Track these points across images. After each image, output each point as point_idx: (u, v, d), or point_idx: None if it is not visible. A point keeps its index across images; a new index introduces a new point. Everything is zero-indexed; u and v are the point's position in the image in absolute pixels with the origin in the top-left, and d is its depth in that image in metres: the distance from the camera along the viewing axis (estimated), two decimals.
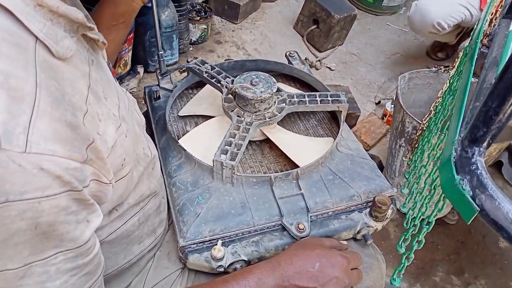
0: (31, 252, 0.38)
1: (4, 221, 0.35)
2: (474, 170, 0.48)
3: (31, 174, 0.35)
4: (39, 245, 0.38)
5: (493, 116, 0.46)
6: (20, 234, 0.36)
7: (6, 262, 0.38)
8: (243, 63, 1.04)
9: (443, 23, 2.03)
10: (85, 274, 0.45)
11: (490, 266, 1.60)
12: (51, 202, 0.37)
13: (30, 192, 0.35)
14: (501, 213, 0.46)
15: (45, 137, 0.36)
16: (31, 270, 0.39)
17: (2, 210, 0.34)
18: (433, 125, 0.97)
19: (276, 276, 0.61)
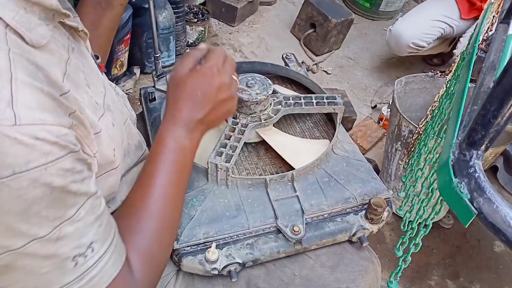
0: (55, 215, 0.39)
1: (18, 193, 0.36)
2: (472, 173, 0.48)
3: (29, 145, 0.36)
4: (60, 206, 0.40)
5: (491, 119, 0.45)
6: (39, 202, 0.38)
7: (37, 231, 0.39)
8: (239, 65, 1.04)
9: (419, 42, 2.08)
10: (106, 224, 0.47)
11: (485, 270, 1.60)
12: (57, 166, 0.38)
13: (34, 161, 0.36)
14: (499, 216, 0.45)
15: (30, 107, 0.36)
16: (62, 231, 0.40)
17: (13, 182, 0.35)
18: (430, 128, 0.97)
19: (180, 126, 0.60)
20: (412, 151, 1.17)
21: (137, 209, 0.56)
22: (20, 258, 0.39)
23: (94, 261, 0.45)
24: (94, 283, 0.45)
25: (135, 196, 0.58)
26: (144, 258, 0.54)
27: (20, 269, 0.40)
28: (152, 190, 0.57)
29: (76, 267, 0.43)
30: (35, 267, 0.41)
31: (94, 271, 0.45)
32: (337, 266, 0.78)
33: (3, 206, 0.36)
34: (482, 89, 0.58)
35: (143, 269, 0.54)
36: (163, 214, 0.58)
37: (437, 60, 2.54)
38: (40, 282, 0.42)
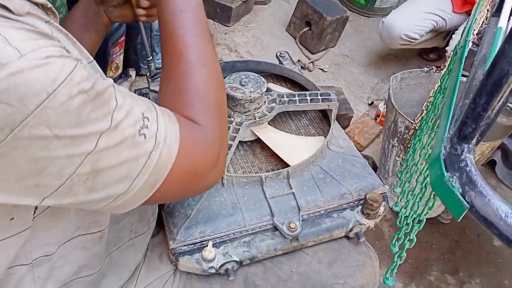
0: (102, 112, 0.42)
1: (63, 109, 0.38)
2: (463, 167, 0.48)
3: (44, 65, 0.37)
4: (101, 104, 0.42)
5: (481, 112, 0.45)
6: (83, 108, 0.40)
7: (97, 129, 0.41)
8: (233, 64, 1.04)
9: (411, 34, 2.09)
10: (138, 97, 0.49)
11: (485, 264, 1.60)
12: (77, 74, 0.39)
13: (57, 77, 0.38)
14: (491, 209, 0.45)
15: (24, 39, 0.37)
16: (115, 119, 0.43)
17: (53, 102, 0.37)
18: (424, 124, 0.97)
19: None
20: (408, 147, 1.18)
21: (171, 76, 0.59)
22: (100, 156, 0.42)
23: (155, 126, 0.47)
24: (170, 142, 0.48)
25: (168, 62, 0.60)
26: (199, 107, 0.57)
27: (106, 165, 0.43)
28: (182, 50, 0.59)
29: (146, 138, 0.46)
30: (115, 156, 0.43)
31: (162, 133, 0.48)
32: (334, 262, 0.78)
33: (58, 124, 0.38)
34: (473, 83, 0.58)
35: (204, 116, 0.56)
36: (199, 62, 0.59)
37: (433, 55, 2.55)
38: (128, 165, 0.45)
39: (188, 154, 0.51)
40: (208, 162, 0.55)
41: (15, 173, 0.39)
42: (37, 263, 0.55)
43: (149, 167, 0.47)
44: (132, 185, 0.46)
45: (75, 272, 0.60)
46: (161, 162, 0.48)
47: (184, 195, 0.59)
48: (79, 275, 0.61)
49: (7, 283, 0.54)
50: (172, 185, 0.51)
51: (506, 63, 0.40)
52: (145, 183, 0.47)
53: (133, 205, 0.50)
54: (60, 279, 0.59)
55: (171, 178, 0.49)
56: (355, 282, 0.77)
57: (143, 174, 0.46)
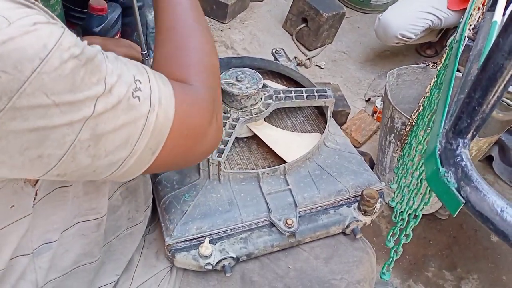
0: (96, 77, 0.42)
1: (57, 73, 0.38)
2: (458, 162, 0.48)
3: (33, 31, 0.37)
4: (94, 69, 0.42)
5: (476, 107, 0.45)
6: (77, 72, 0.40)
7: (92, 93, 0.41)
8: (229, 60, 1.04)
9: (406, 33, 2.09)
10: (127, 60, 0.49)
11: (483, 260, 1.61)
12: (66, 40, 0.40)
13: (48, 42, 0.38)
14: (487, 204, 0.45)
15: (10, 7, 0.38)
16: (108, 82, 0.43)
17: (47, 67, 0.38)
18: (420, 119, 0.97)
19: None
20: (405, 143, 1.18)
21: (166, 39, 0.59)
22: (98, 120, 0.42)
23: (148, 88, 0.47)
24: (165, 104, 0.48)
25: (159, 29, 0.61)
26: (193, 68, 0.58)
27: (105, 129, 0.43)
28: (175, 13, 0.60)
29: (141, 100, 0.46)
30: (113, 120, 0.44)
31: (155, 95, 0.48)
32: (331, 258, 0.78)
33: (54, 90, 0.39)
34: (469, 78, 0.58)
35: (197, 77, 0.57)
36: (193, 26, 0.60)
37: (430, 51, 2.55)
38: (127, 129, 0.45)
39: (185, 115, 0.51)
40: (205, 122, 0.55)
41: (18, 145, 0.39)
42: (37, 252, 0.55)
43: (147, 130, 0.47)
44: (134, 150, 0.47)
45: (75, 261, 0.61)
46: (159, 124, 0.48)
47: (187, 160, 0.58)
48: (79, 263, 0.61)
49: (10, 275, 0.55)
50: (174, 148, 0.51)
51: (501, 57, 0.40)
52: (146, 147, 0.48)
53: (137, 171, 0.50)
54: (61, 268, 0.59)
55: (171, 140, 0.50)
56: (352, 277, 0.78)
57: (142, 137, 0.47)
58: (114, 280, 0.68)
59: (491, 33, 0.62)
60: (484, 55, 0.46)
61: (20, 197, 0.49)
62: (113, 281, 0.68)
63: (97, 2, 1.12)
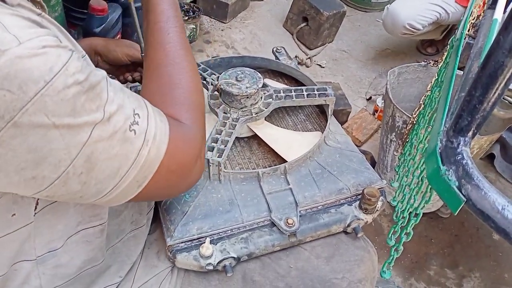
0: (96, 103, 0.43)
1: (59, 97, 0.39)
2: (459, 160, 0.48)
3: (42, 53, 0.38)
4: (95, 95, 0.43)
5: (477, 105, 0.45)
6: (78, 98, 0.41)
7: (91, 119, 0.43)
8: (229, 60, 1.04)
9: (415, 24, 2.09)
10: (130, 93, 0.50)
11: (484, 258, 1.61)
12: (72, 65, 0.41)
13: (54, 65, 0.39)
14: (488, 202, 0.45)
15: (21, 27, 0.39)
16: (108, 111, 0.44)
17: (50, 90, 0.38)
18: (421, 118, 0.97)
19: None
20: (406, 142, 1.17)
21: (158, 75, 0.61)
22: (94, 148, 0.43)
23: (145, 122, 0.49)
24: (159, 140, 0.50)
25: (153, 62, 0.62)
26: (185, 107, 0.60)
27: (99, 158, 0.44)
28: (165, 51, 0.62)
29: (136, 134, 0.47)
30: (108, 150, 0.45)
31: (151, 130, 0.49)
32: (332, 257, 0.78)
33: (55, 112, 0.39)
34: (469, 76, 0.58)
35: (189, 115, 0.59)
36: (182, 65, 0.62)
37: (431, 49, 2.54)
38: (118, 161, 0.46)
39: (175, 152, 0.52)
40: (192, 159, 0.56)
41: (15, 164, 0.40)
42: (41, 260, 0.56)
43: (138, 163, 0.48)
44: (122, 180, 0.48)
45: (79, 267, 0.61)
46: (150, 159, 0.49)
47: (170, 193, 0.61)
48: (84, 269, 0.62)
49: (14, 279, 0.55)
50: (159, 183, 0.52)
51: (501, 54, 0.39)
52: (133, 180, 0.49)
53: (120, 201, 0.51)
54: (66, 274, 0.60)
55: (158, 176, 0.51)
56: (354, 276, 0.77)
57: (132, 170, 0.48)
58: (117, 281, 0.68)
59: (492, 31, 0.62)
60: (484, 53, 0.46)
61: (21, 206, 0.50)
62: (116, 283, 0.68)
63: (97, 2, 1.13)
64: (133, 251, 0.71)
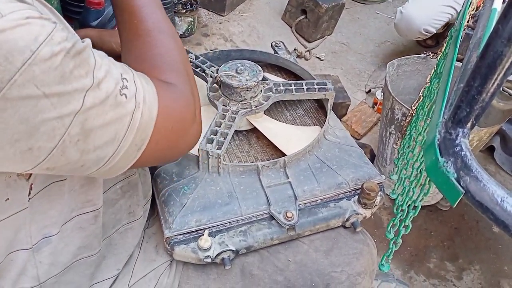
0: (84, 70, 0.43)
1: (47, 65, 0.39)
2: (458, 151, 0.47)
3: (25, 24, 0.38)
4: (83, 62, 0.43)
5: (475, 95, 0.45)
6: (66, 65, 0.41)
7: (81, 85, 0.42)
8: (228, 53, 1.03)
9: (429, 28, 2.06)
10: (113, 60, 0.49)
11: (484, 251, 1.61)
12: (57, 34, 0.40)
13: (39, 34, 0.39)
14: (486, 194, 0.45)
15: (2, 1, 0.38)
16: (97, 76, 0.44)
17: (38, 59, 0.38)
18: (420, 110, 0.97)
19: None
20: (405, 134, 1.17)
21: (134, 43, 0.60)
22: (87, 115, 0.43)
23: (133, 86, 0.48)
24: (149, 102, 0.50)
25: (126, 34, 0.61)
26: (168, 67, 0.59)
27: (94, 125, 0.44)
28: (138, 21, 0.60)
29: (127, 98, 0.47)
30: (102, 116, 0.45)
31: (141, 93, 0.49)
32: (331, 250, 0.78)
33: (44, 81, 0.39)
34: (468, 66, 0.57)
35: (174, 75, 0.58)
36: (157, 30, 0.61)
37: (431, 41, 2.53)
38: (114, 126, 0.46)
39: (167, 112, 0.53)
40: (186, 116, 0.57)
41: (8, 136, 0.40)
42: (37, 247, 0.56)
43: (133, 127, 0.48)
44: (120, 145, 0.48)
45: (75, 254, 0.61)
46: (144, 121, 0.49)
47: (172, 154, 0.60)
48: (79, 256, 0.62)
49: (11, 269, 0.55)
50: (158, 143, 0.53)
51: (500, 44, 0.39)
52: (132, 144, 0.49)
53: (123, 167, 0.51)
54: (62, 263, 0.60)
55: (156, 136, 0.51)
56: (353, 270, 0.77)
57: (129, 134, 0.48)
58: (115, 274, 0.68)
59: (491, 20, 0.61)
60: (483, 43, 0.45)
61: (14, 190, 0.49)
62: (114, 275, 0.68)
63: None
64: (130, 243, 0.71)
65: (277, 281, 0.74)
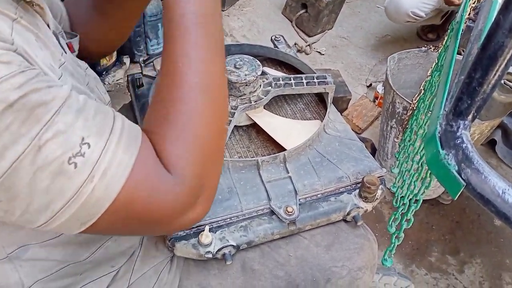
0: (27, 127, 0.37)
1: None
2: (459, 144, 0.47)
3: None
4: (29, 118, 0.37)
5: (477, 87, 0.44)
6: (4, 117, 0.36)
7: (15, 146, 0.37)
8: (228, 48, 1.02)
9: (418, 12, 2.09)
10: (96, 114, 0.43)
11: (486, 244, 1.61)
12: (10, 81, 0.36)
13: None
14: (488, 186, 0.45)
15: None
16: (42, 139, 0.38)
17: None
18: (421, 103, 0.96)
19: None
20: (406, 128, 1.17)
21: (165, 95, 0.48)
22: (14, 177, 0.38)
23: (96, 154, 0.41)
24: (110, 178, 0.41)
25: (162, 78, 0.49)
26: (183, 144, 0.47)
27: (22, 190, 0.39)
28: (181, 66, 0.48)
29: (78, 167, 0.40)
30: (34, 182, 0.39)
31: (103, 165, 0.41)
32: (332, 245, 0.78)
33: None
34: (469, 59, 0.57)
35: (185, 158, 0.46)
36: (201, 88, 0.48)
37: (432, 35, 2.52)
38: (50, 195, 0.40)
39: (138, 198, 0.43)
40: (170, 212, 0.46)
41: None
42: (14, 256, 0.53)
43: (77, 201, 0.41)
44: (55, 217, 0.41)
45: (61, 262, 0.59)
46: (94, 197, 0.41)
47: (139, 233, 0.53)
48: (67, 263, 0.60)
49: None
50: (114, 224, 0.45)
51: (501, 35, 0.39)
52: (72, 217, 0.42)
53: (66, 232, 0.46)
54: (47, 268, 0.57)
55: (110, 217, 0.43)
56: (353, 264, 0.77)
57: (68, 207, 0.41)
58: (110, 271, 0.68)
59: (492, 11, 0.60)
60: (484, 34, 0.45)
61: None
62: (109, 272, 0.68)
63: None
64: (128, 247, 0.70)
65: (278, 276, 0.74)
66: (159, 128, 0.48)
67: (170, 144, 0.46)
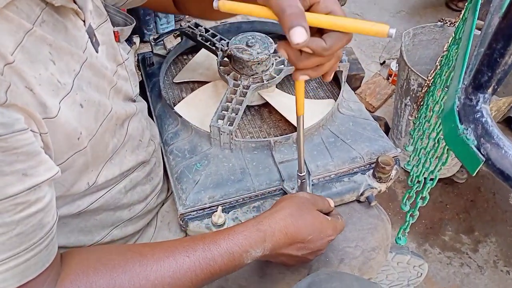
0: None
1: None
2: (478, 118, 0.45)
3: None
4: None
5: (498, 58, 0.42)
6: None
7: None
8: (239, 25, 1.01)
9: None
10: (17, 235, 0.40)
11: (501, 223, 1.59)
12: None
13: None
14: (508, 161, 0.43)
15: None
16: None
17: None
18: (437, 78, 0.94)
19: (265, 248, 0.58)
20: (421, 105, 1.14)
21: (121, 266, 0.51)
22: None
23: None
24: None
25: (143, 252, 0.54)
26: None
27: None
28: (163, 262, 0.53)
29: None
30: None
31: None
32: (345, 226, 0.77)
33: None
34: (489, 31, 0.54)
35: None
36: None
37: (462, 4, 2.43)
38: None
39: None
40: None
41: None
42: None
43: None
44: None
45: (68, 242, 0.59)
46: None
47: None
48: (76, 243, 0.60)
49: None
50: None
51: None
52: None
53: None
54: None
55: None
56: (367, 245, 0.77)
57: None
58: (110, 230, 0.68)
59: None
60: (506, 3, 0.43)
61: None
62: None
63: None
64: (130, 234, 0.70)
65: None
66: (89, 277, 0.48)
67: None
